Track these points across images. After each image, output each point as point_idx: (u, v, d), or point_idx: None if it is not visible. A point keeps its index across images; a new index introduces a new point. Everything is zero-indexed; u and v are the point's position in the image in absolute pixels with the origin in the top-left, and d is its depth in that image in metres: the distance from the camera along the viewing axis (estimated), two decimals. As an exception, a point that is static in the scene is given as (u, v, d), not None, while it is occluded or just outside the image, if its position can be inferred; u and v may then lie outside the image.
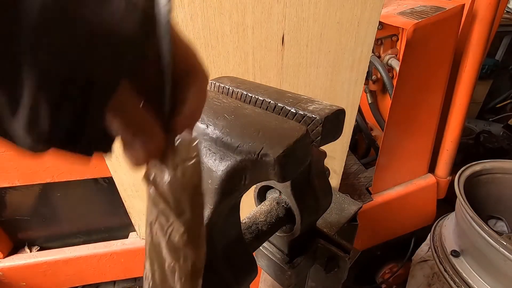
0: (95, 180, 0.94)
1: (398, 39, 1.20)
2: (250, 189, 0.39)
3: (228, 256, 0.41)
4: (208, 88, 0.46)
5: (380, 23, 1.17)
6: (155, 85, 0.20)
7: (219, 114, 0.36)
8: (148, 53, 0.19)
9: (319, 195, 0.48)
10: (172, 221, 0.21)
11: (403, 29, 1.14)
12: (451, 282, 1.02)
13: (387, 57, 1.20)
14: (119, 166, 0.81)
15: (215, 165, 0.32)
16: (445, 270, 1.05)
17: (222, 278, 0.40)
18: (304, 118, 0.36)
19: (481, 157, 1.24)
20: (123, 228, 1.06)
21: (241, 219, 0.44)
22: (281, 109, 0.37)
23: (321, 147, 0.39)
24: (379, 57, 1.25)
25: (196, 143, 0.22)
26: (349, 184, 1.19)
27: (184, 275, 0.22)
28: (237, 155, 0.31)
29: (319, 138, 0.36)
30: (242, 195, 0.38)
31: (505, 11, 1.90)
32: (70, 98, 0.16)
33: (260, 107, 0.39)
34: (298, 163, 0.33)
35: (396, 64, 1.16)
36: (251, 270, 0.44)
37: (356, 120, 1.09)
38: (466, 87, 1.07)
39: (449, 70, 1.03)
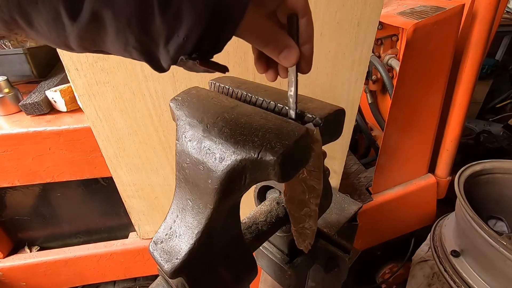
0: (95, 180, 0.94)
1: (398, 39, 1.20)
2: (250, 189, 0.39)
3: (228, 256, 0.41)
4: (208, 88, 0.46)
5: (380, 23, 1.17)
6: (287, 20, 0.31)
7: (219, 114, 0.36)
8: None
9: (319, 195, 0.48)
10: (307, 173, 0.39)
11: (403, 29, 1.14)
12: (451, 282, 1.02)
13: (387, 57, 1.20)
14: (119, 166, 0.82)
15: (215, 165, 0.32)
16: (445, 270, 1.05)
17: (222, 277, 0.40)
18: (304, 118, 0.36)
19: (481, 157, 1.23)
20: (123, 228, 1.06)
21: (241, 219, 0.44)
22: (281, 109, 0.37)
23: (321, 147, 0.39)
24: (379, 57, 1.25)
25: (318, 130, 0.34)
26: (349, 184, 1.19)
27: (313, 194, 0.41)
28: (237, 155, 0.31)
29: (319, 138, 0.36)
30: (242, 195, 0.38)
31: (505, 11, 1.90)
32: (212, 30, 0.24)
33: (260, 107, 0.39)
34: (298, 163, 0.33)
35: (396, 64, 1.16)
36: (251, 269, 0.44)
37: (356, 120, 1.09)
38: (466, 87, 1.07)
39: (449, 70, 1.03)
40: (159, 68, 0.27)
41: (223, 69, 0.29)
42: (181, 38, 0.23)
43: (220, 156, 0.32)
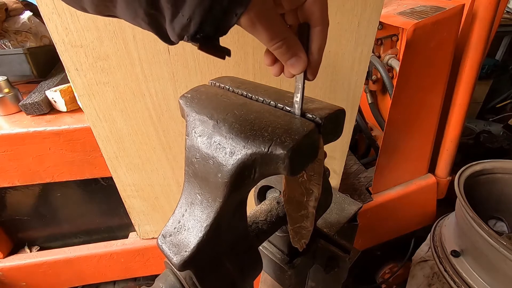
0: (95, 180, 0.94)
1: (398, 39, 1.20)
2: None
3: (235, 250, 0.41)
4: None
5: (380, 23, 1.17)
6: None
7: (229, 110, 0.37)
8: None
9: (319, 195, 0.48)
10: (306, 176, 0.40)
11: (403, 29, 1.14)
12: (451, 282, 1.02)
13: (387, 57, 1.20)
14: (119, 166, 0.82)
15: (225, 160, 0.33)
16: (445, 270, 1.05)
17: (229, 271, 0.41)
18: (304, 118, 0.36)
19: (481, 157, 1.24)
20: (123, 228, 1.06)
21: (241, 219, 0.44)
22: (281, 109, 0.37)
23: (321, 147, 0.39)
24: (379, 57, 1.25)
25: (320, 137, 0.34)
26: (349, 184, 1.19)
27: (311, 197, 0.41)
28: (248, 149, 0.32)
29: (319, 138, 0.36)
30: (250, 190, 0.38)
31: (505, 11, 1.90)
32: (214, 14, 0.24)
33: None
34: (307, 157, 0.34)
35: (396, 64, 1.16)
36: (257, 265, 0.44)
37: (356, 120, 1.09)
38: (466, 87, 1.07)
39: (449, 70, 1.03)
40: (168, 41, 0.28)
41: (223, 54, 0.29)
42: (185, 18, 0.24)
43: (230, 151, 0.33)
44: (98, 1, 0.25)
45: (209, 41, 0.27)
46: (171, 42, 0.28)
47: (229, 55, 0.29)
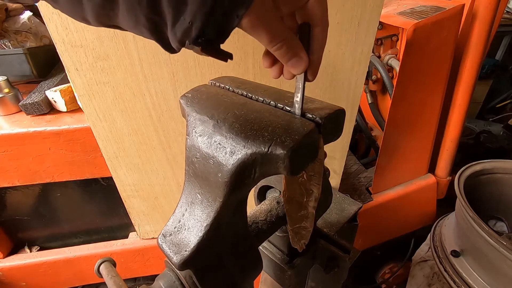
0: (95, 180, 0.94)
1: (398, 39, 1.20)
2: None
3: (235, 250, 0.41)
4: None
5: (380, 23, 1.17)
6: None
7: (229, 110, 0.37)
8: None
9: (319, 195, 0.48)
10: (306, 177, 0.40)
11: (403, 29, 1.14)
12: (451, 282, 1.02)
13: (387, 57, 1.20)
14: (119, 166, 0.81)
15: (225, 159, 0.33)
16: (445, 270, 1.05)
17: (229, 272, 0.41)
18: (304, 118, 0.36)
19: (481, 157, 1.24)
20: (123, 228, 1.06)
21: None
22: (281, 109, 0.37)
23: (321, 147, 0.39)
24: (379, 57, 1.25)
25: (320, 138, 0.35)
26: (349, 184, 1.19)
27: (311, 198, 0.41)
28: (248, 149, 0.32)
29: (319, 138, 0.36)
30: (250, 190, 0.38)
31: (505, 11, 1.90)
32: (215, 17, 0.24)
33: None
34: (307, 157, 0.34)
35: (396, 64, 1.16)
36: (257, 265, 0.45)
37: (356, 120, 1.09)
38: (466, 87, 1.07)
39: (449, 70, 1.03)
40: (170, 48, 0.28)
41: (225, 57, 0.29)
42: (187, 22, 0.24)
43: (230, 150, 0.33)
44: (99, 10, 0.25)
45: (210, 45, 0.27)
46: (172, 50, 0.28)
47: (231, 58, 0.29)
